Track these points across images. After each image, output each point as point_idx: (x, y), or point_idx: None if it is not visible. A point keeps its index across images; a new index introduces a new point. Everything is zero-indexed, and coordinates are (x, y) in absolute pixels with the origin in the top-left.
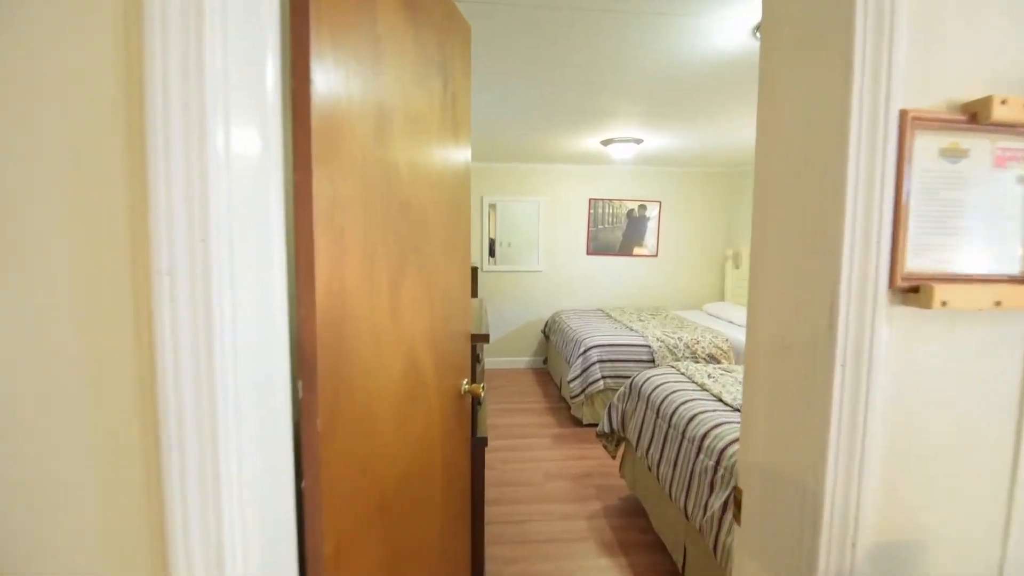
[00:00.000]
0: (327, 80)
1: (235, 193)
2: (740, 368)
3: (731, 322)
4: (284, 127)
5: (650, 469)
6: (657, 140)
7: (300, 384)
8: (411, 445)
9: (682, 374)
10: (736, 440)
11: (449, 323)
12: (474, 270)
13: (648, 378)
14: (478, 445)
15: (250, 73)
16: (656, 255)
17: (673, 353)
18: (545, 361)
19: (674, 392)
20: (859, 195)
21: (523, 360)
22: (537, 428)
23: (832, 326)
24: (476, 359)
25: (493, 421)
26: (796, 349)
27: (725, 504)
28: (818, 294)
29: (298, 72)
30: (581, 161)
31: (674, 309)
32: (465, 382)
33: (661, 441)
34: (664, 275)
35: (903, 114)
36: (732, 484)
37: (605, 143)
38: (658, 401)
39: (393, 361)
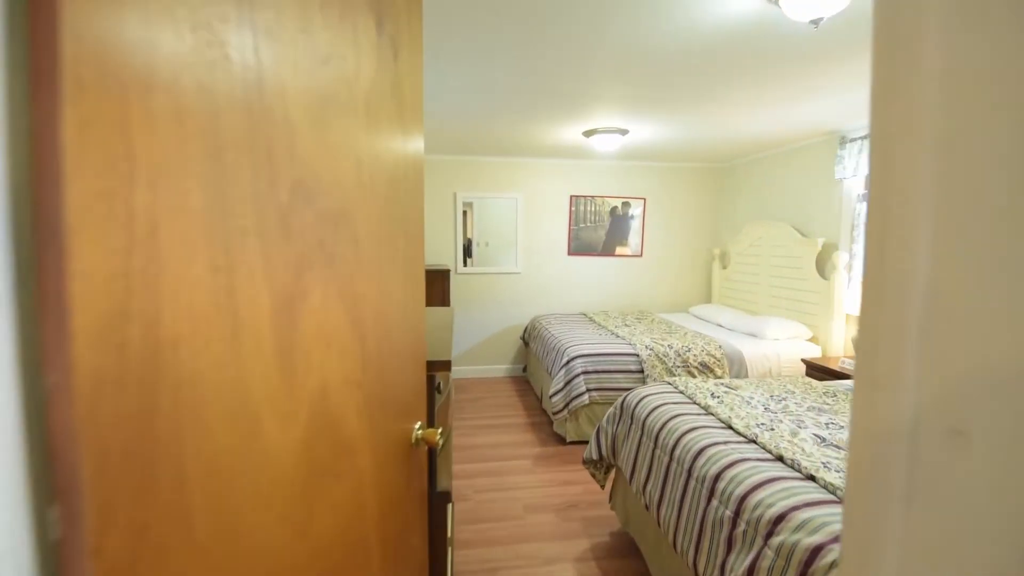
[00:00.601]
0: None
1: None
2: (744, 383)
3: (720, 325)
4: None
5: (647, 508)
6: (643, 131)
7: (55, 512)
8: (328, 539)
9: (680, 392)
10: (761, 485)
11: (391, 351)
12: (446, 273)
13: (642, 398)
14: (438, 502)
15: None
16: (641, 255)
17: (663, 362)
18: (525, 369)
19: (675, 417)
20: None
21: (501, 368)
22: (516, 447)
23: None
24: (436, 390)
25: (467, 440)
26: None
27: (751, 571)
28: None
29: None
30: (561, 155)
31: (660, 312)
32: (418, 426)
33: (661, 477)
34: (649, 276)
35: None
36: (758, 544)
37: (588, 134)
38: (656, 427)
39: (286, 424)
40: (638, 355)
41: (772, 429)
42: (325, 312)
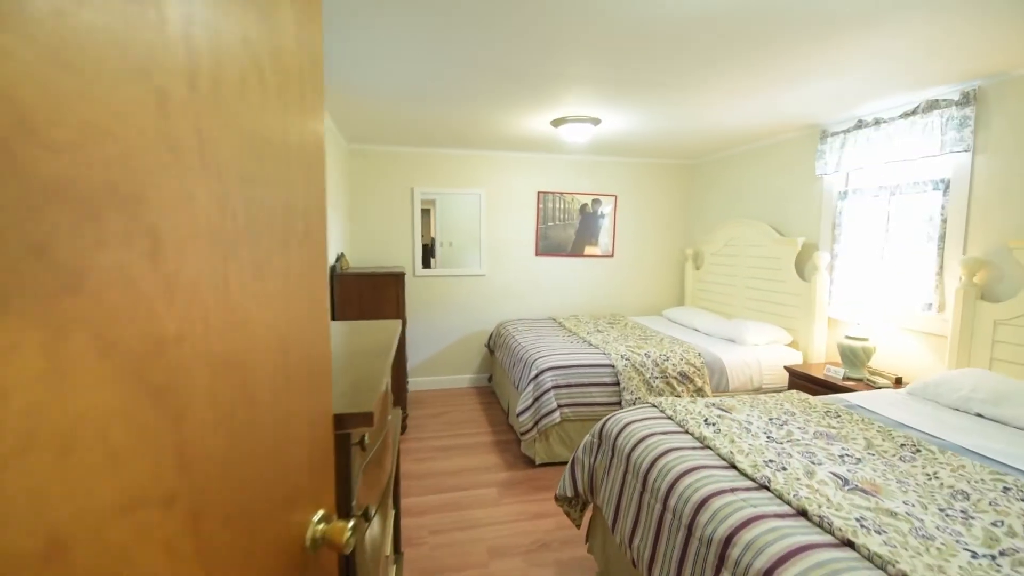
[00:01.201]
0: None
1: None
2: (737, 404)
3: (696, 330)
4: None
5: (635, 565)
6: (616, 120)
7: None
8: None
9: (668, 418)
10: (788, 557)
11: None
12: (400, 277)
13: (624, 425)
14: None
15: None
16: (612, 256)
17: (640, 373)
18: (490, 379)
19: (667, 453)
20: None
21: (464, 378)
22: (479, 473)
23: None
24: (344, 458)
25: (424, 466)
26: None
27: None
28: None
29: None
30: (528, 148)
31: (632, 315)
32: (317, 517)
33: (652, 530)
34: (621, 278)
35: None
36: None
37: (556, 123)
38: (643, 464)
39: None
40: (613, 366)
41: (784, 468)
42: (53, 379)
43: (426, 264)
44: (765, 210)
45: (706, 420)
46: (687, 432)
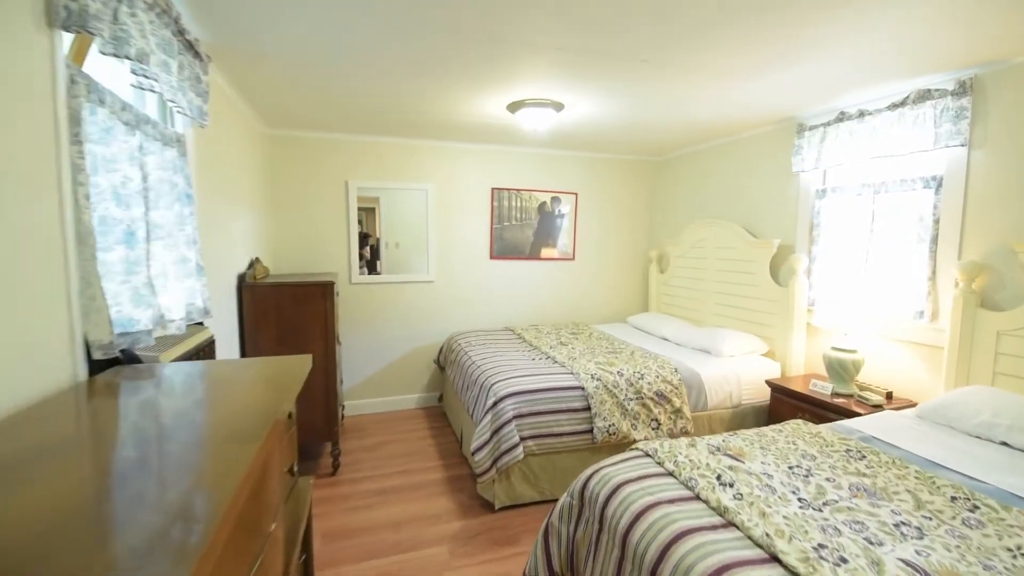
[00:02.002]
0: None
1: None
2: (745, 446)
3: (665, 339)
4: None
5: None
6: (582, 106)
7: None
8: None
9: (669, 473)
10: None
11: None
12: (328, 287)
13: (614, 487)
14: None
15: None
16: (573, 258)
17: (613, 395)
18: (440, 398)
19: (681, 539)
20: None
21: (411, 399)
22: (427, 524)
23: None
24: None
25: (356, 520)
26: None
27: None
28: None
29: None
30: (481, 138)
31: (596, 323)
32: None
33: None
34: (583, 283)
35: None
36: None
37: (513, 107)
38: (649, 555)
39: None
40: (583, 388)
41: (843, 561)
42: None
43: (372, 269)
44: (736, 210)
45: (719, 478)
46: (699, 498)
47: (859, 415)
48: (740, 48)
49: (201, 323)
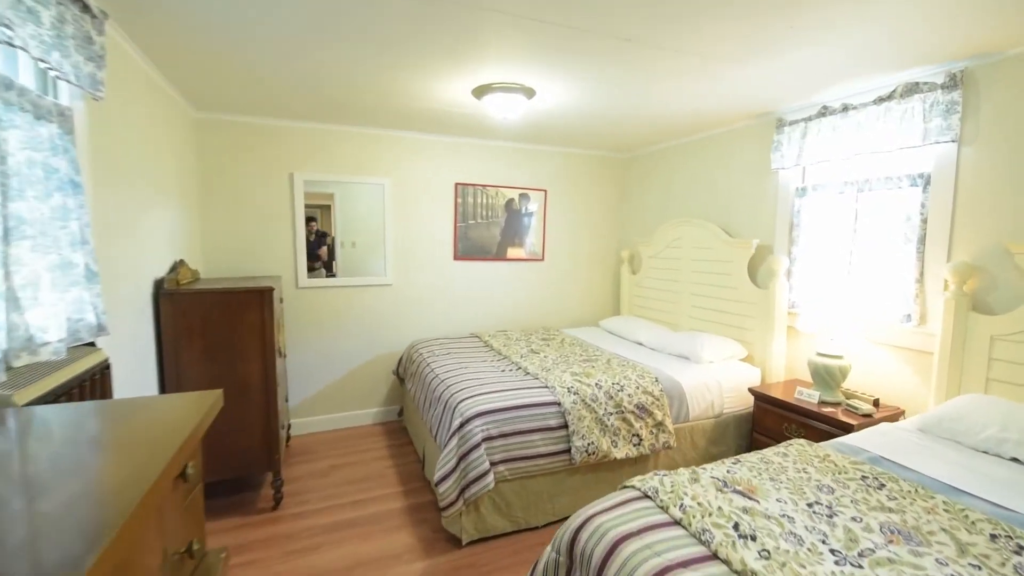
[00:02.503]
0: None
1: None
2: (754, 480)
3: (640, 343)
4: None
5: None
6: (554, 93)
7: None
8: None
9: (676, 522)
10: None
11: None
12: (267, 293)
13: (612, 543)
14: None
15: None
16: (542, 259)
17: (592, 410)
18: (400, 413)
19: None
20: None
21: (367, 414)
22: (385, 567)
23: None
24: None
25: (305, 564)
26: None
27: None
28: None
29: None
30: (444, 129)
31: (567, 328)
32: None
33: None
34: (553, 284)
35: None
36: None
37: (479, 92)
38: None
39: None
40: (559, 403)
41: None
42: None
43: (329, 270)
44: (712, 209)
45: (736, 527)
46: (717, 557)
47: (849, 425)
48: (729, 31)
49: (92, 343)
